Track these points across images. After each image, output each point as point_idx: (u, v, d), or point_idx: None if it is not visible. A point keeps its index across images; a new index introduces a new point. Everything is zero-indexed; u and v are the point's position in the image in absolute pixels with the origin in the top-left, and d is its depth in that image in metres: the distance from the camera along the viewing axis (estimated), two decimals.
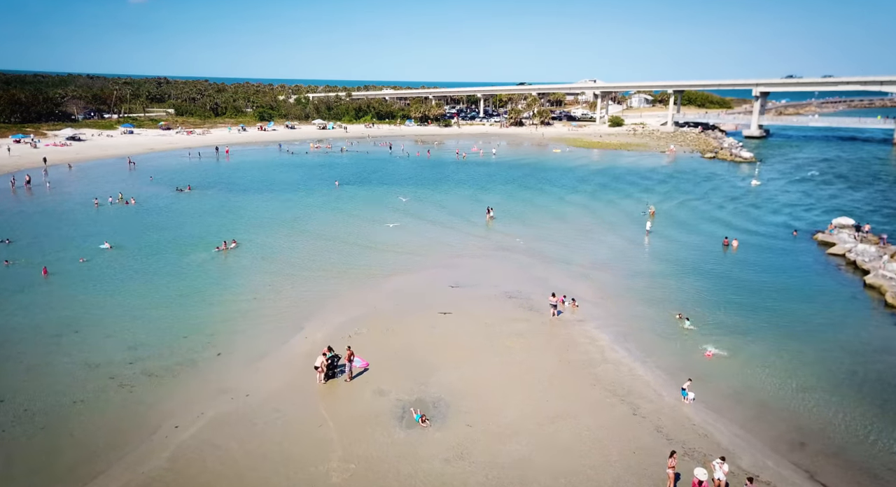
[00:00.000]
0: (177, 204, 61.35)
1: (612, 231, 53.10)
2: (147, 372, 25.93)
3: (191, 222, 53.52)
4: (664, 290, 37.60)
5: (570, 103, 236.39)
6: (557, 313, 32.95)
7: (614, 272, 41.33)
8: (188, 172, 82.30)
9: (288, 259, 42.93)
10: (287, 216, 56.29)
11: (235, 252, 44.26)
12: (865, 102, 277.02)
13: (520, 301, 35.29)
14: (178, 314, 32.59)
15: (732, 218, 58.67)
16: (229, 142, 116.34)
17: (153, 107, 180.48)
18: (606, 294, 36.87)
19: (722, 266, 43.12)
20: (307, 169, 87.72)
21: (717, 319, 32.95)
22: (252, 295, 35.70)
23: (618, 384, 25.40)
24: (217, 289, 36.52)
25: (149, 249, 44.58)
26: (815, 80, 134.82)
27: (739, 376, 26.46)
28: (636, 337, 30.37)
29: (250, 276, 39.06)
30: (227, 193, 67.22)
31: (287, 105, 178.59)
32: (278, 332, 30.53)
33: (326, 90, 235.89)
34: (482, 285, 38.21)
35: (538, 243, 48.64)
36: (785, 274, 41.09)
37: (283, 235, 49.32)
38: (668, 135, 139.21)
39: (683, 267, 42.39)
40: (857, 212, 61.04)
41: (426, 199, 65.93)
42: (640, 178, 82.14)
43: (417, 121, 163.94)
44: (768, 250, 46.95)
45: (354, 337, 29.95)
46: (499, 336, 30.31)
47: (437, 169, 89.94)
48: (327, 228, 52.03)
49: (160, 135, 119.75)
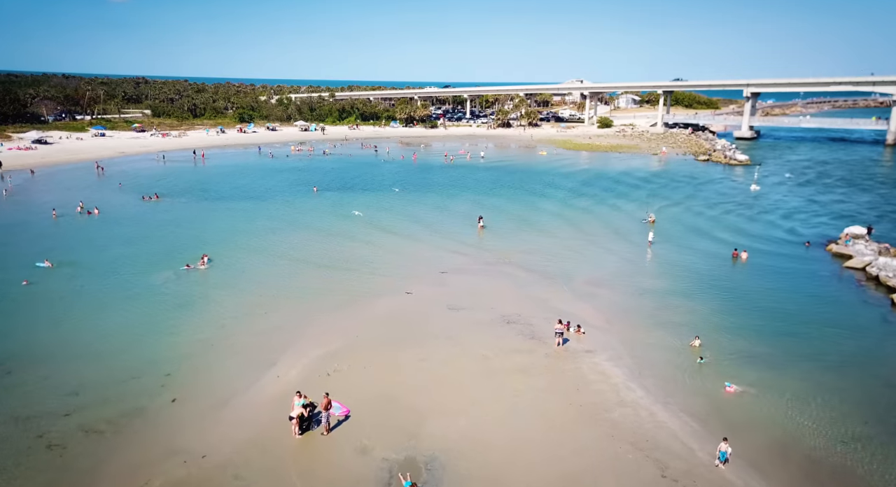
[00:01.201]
0: (144, 214, 56.93)
1: (612, 241, 49.72)
2: (85, 426, 21.87)
3: (157, 235, 49.22)
4: (675, 312, 34.19)
5: (557, 104, 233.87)
6: (563, 341, 29.38)
7: (620, 290, 37.88)
8: (161, 178, 77.72)
9: (261, 278, 38.92)
10: (263, 228, 52.17)
11: (203, 271, 40.15)
12: (850, 102, 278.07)
13: (520, 327, 31.67)
14: (131, 348, 28.51)
15: (737, 226, 55.60)
16: (207, 145, 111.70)
17: (129, 108, 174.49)
18: (614, 317, 33.37)
19: (733, 282, 39.86)
20: (287, 174, 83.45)
21: (738, 347, 29.59)
22: (219, 323, 31.72)
23: (640, 434, 21.85)
24: (179, 316, 32.45)
25: (106, 267, 40.30)
26: (807, 81, 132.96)
27: (777, 421, 23.05)
28: (652, 372, 26.88)
29: (218, 300, 35.02)
30: (199, 202, 62.84)
31: (269, 106, 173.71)
32: (247, 369, 26.61)
33: (309, 90, 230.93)
34: (477, 307, 34.54)
35: (534, 256, 45.10)
36: (803, 292, 37.89)
37: (257, 251, 45.25)
38: (659, 136, 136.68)
39: (693, 284, 39.06)
40: (862, 217, 58.43)
41: (412, 208, 62.20)
42: (635, 183, 79.02)
43: (403, 123, 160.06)
44: (780, 263, 43.82)
45: (334, 375, 26.16)
46: (499, 372, 26.66)
47: (425, 173, 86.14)
48: (306, 243, 48.03)
49: (133, 138, 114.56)
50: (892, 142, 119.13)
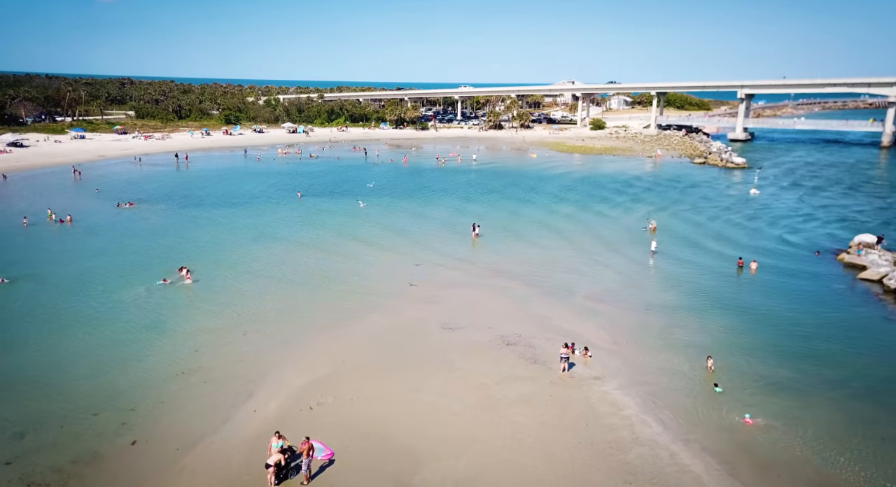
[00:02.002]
0: (119, 223, 53.89)
1: (613, 251, 47.38)
2: (27, 479, 19.10)
3: (131, 246, 46.27)
4: (685, 330, 31.84)
5: (548, 105, 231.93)
6: (568, 366, 26.92)
7: (625, 305, 35.49)
8: (141, 183, 74.61)
9: (241, 295, 36.16)
10: (244, 238, 49.34)
11: (185, 286, 37.33)
12: (839, 104, 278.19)
13: (520, 349, 29.18)
14: (91, 378, 25.72)
15: (740, 233, 53.47)
16: (191, 148, 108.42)
17: (113, 110, 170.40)
18: (621, 337, 30.96)
19: (744, 294, 37.61)
20: (273, 177, 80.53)
21: (756, 371, 27.27)
22: (192, 346, 28.97)
23: (661, 481, 19.40)
24: (148, 339, 29.66)
25: (72, 282, 37.37)
26: (802, 82, 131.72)
27: (809, 460, 20.69)
28: (668, 402, 24.45)
29: (193, 319, 32.26)
30: (179, 209, 59.82)
31: (256, 107, 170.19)
32: (220, 402, 23.93)
33: (298, 91, 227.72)
34: (473, 326, 32.01)
35: (532, 267, 42.67)
36: (818, 306, 35.68)
37: (237, 264, 42.44)
38: (652, 138, 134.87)
39: (701, 298, 36.76)
40: (868, 224, 56.59)
41: (401, 216, 59.65)
42: (631, 187, 76.86)
43: (393, 124, 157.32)
44: (791, 274, 41.64)
45: (317, 409, 23.55)
46: (500, 404, 24.13)
47: (415, 177, 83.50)
48: (290, 255, 45.26)
49: (114, 141, 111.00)
50: (888, 144, 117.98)
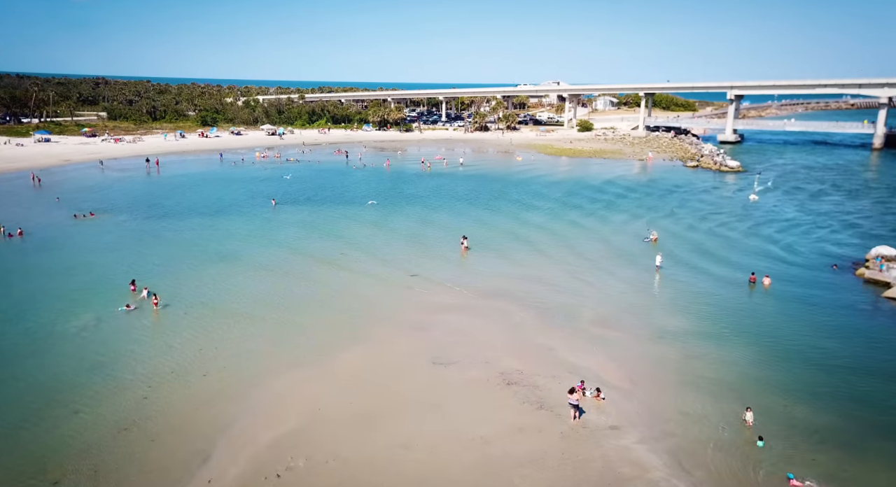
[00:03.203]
0: (76, 237, 49.33)
1: (615, 265, 43.92)
2: None
3: (88, 263, 41.86)
4: (706, 363, 28.40)
5: (533, 106, 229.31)
6: (579, 413, 23.28)
7: (635, 331, 31.98)
8: (106, 191, 69.86)
9: (203, 324, 32.04)
10: (212, 254, 45.05)
11: (134, 315, 33.10)
12: (822, 104, 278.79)
13: (523, 390, 25.48)
14: (15, 434, 21.55)
15: (746, 243, 50.32)
16: (163, 152, 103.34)
17: (84, 111, 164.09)
18: (635, 372, 27.39)
19: (762, 317, 34.31)
20: (249, 184, 76.10)
21: (795, 415, 23.86)
22: (141, 391, 24.88)
23: None
24: (90, 383, 25.49)
25: (12, 309, 33.02)
26: (793, 83, 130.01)
27: None
28: (700, 460, 20.86)
29: (146, 356, 28.12)
30: (143, 221, 55.26)
31: (234, 108, 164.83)
32: (168, 468, 19.94)
33: (278, 92, 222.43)
34: (467, 361, 28.27)
35: (529, 285, 39.03)
36: (847, 331, 32.45)
37: (201, 287, 38.24)
38: (641, 140, 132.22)
39: (717, 322, 33.37)
40: (877, 231, 54.02)
41: (382, 229, 55.77)
42: (625, 192, 73.65)
43: (376, 126, 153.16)
44: (808, 292, 38.47)
45: (286, 476, 19.67)
46: (503, 465, 20.40)
47: (399, 183, 79.53)
48: (263, 276, 41.14)
49: (82, 144, 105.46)
50: (879, 146, 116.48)
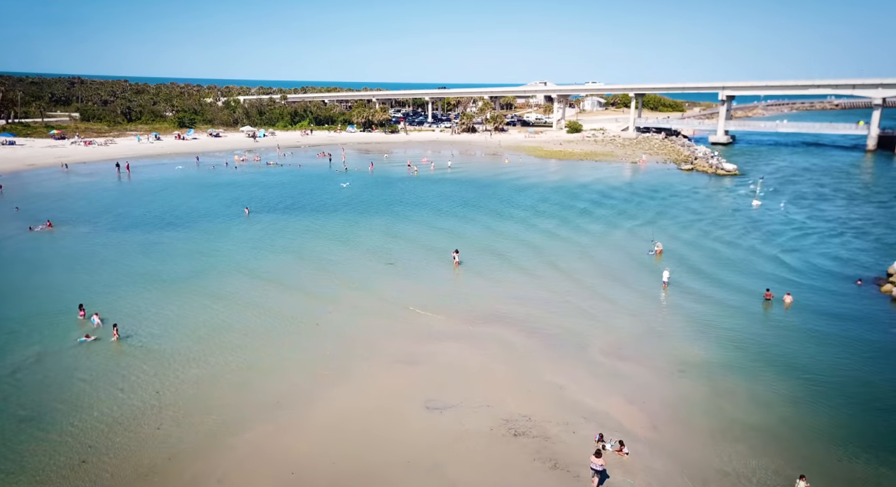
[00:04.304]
0: (30, 251, 44.90)
1: (618, 281, 40.45)
2: None
3: (38, 284, 37.51)
4: (737, 403, 24.97)
5: (520, 106, 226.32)
6: (600, 481, 19.66)
7: (651, 364, 28.49)
8: (71, 198, 65.29)
9: (161, 360, 27.96)
10: (180, 272, 40.84)
11: (89, 349, 28.96)
12: (807, 105, 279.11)
13: (532, 442, 21.83)
14: None
15: (757, 256, 47.09)
16: (137, 155, 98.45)
17: (56, 111, 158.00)
18: (659, 417, 23.87)
19: (790, 344, 30.94)
20: (224, 190, 71.71)
21: (854, 475, 20.49)
22: (77, 450, 20.84)
23: None
24: (18, 441, 21.38)
25: None
26: (785, 83, 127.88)
27: None
28: None
29: (92, 404, 24.06)
30: (106, 232, 50.82)
31: (214, 109, 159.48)
32: None
33: (260, 92, 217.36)
34: (466, 404, 24.56)
35: (530, 307, 35.42)
36: (887, 361, 29.23)
37: (160, 314, 34.12)
38: (633, 141, 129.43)
39: (740, 350, 30.01)
40: (890, 238, 51.27)
41: (365, 243, 51.91)
42: (622, 198, 70.37)
43: (360, 127, 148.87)
44: (834, 311, 35.27)
45: None
46: None
47: (384, 189, 75.49)
48: (232, 300, 37.05)
49: (49, 147, 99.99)
50: (873, 147, 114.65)
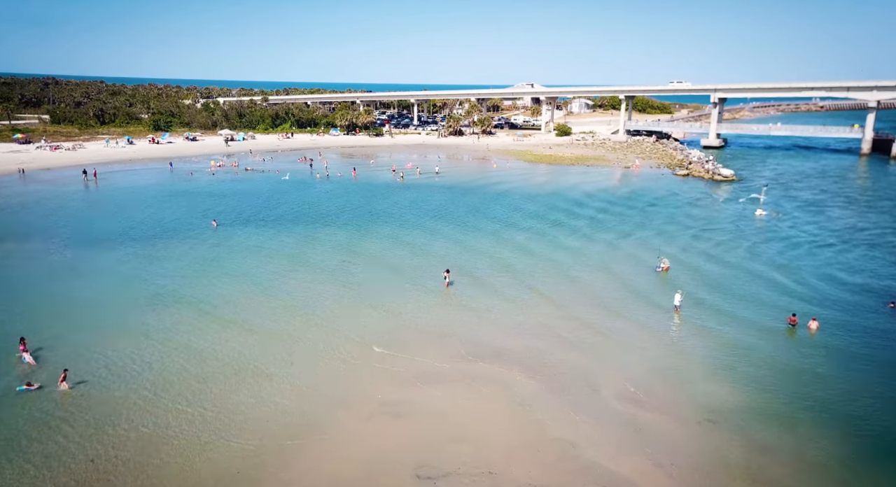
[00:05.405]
0: None
1: (627, 307, 36.78)
2: None
3: None
4: (783, 466, 21.38)
5: (507, 108, 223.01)
6: None
7: (674, 410, 24.82)
8: (27, 210, 60.39)
9: (105, 413, 23.71)
10: (137, 299, 36.42)
11: (42, 397, 24.62)
12: (792, 107, 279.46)
13: None
14: None
15: (773, 274, 43.49)
16: (107, 160, 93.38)
17: (26, 113, 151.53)
18: (691, 483, 20.16)
19: (829, 383, 27.42)
20: (200, 199, 67.12)
21: None
22: None
23: None
24: None
25: None
26: (779, 85, 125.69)
27: None
28: None
29: (21, 471, 19.76)
30: (61, 250, 46.12)
31: (192, 111, 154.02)
32: None
33: (241, 94, 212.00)
34: (464, 470, 20.67)
35: (530, 340, 31.64)
36: None
37: (109, 354, 29.75)
38: (624, 145, 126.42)
39: (774, 392, 26.48)
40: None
41: (342, 263, 47.84)
42: (619, 207, 66.95)
43: (344, 130, 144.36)
44: (866, 340, 31.85)
45: None
46: None
47: (369, 197, 71.37)
48: (194, 334, 32.84)
49: (12, 152, 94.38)
50: (867, 151, 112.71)
